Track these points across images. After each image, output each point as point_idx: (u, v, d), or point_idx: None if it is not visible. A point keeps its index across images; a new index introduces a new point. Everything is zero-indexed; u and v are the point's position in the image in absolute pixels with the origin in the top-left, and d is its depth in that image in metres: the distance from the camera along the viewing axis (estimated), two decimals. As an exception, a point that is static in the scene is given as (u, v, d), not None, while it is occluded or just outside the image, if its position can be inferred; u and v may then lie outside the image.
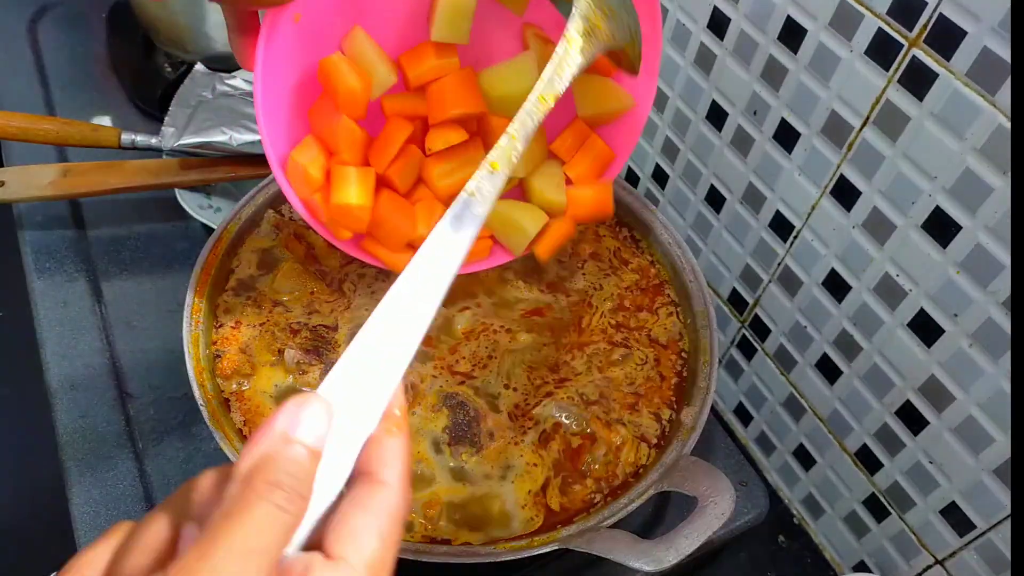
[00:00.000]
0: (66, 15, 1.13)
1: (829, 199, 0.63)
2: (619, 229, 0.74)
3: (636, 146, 0.84)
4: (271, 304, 0.65)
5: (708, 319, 0.65)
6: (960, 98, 0.51)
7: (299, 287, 0.66)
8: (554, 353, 0.65)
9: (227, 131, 0.84)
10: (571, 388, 0.62)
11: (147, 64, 1.05)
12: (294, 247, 0.68)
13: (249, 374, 0.61)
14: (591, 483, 0.58)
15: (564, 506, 0.57)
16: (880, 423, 0.65)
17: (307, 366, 0.61)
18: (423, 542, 0.54)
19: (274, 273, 0.66)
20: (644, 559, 0.48)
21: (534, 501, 0.57)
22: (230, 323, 0.63)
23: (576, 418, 0.60)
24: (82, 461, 0.70)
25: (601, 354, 0.65)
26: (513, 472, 0.58)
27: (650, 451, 0.60)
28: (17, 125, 0.83)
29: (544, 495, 0.57)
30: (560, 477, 0.58)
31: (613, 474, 0.59)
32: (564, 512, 0.57)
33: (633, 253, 0.72)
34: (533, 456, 0.59)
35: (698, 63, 0.72)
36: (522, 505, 0.57)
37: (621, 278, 0.71)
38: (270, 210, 0.70)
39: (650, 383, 0.64)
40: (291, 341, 0.62)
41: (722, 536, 0.70)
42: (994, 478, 0.57)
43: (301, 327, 0.63)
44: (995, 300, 0.53)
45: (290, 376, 0.61)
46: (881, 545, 0.69)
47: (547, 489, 0.58)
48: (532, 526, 0.56)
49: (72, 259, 0.85)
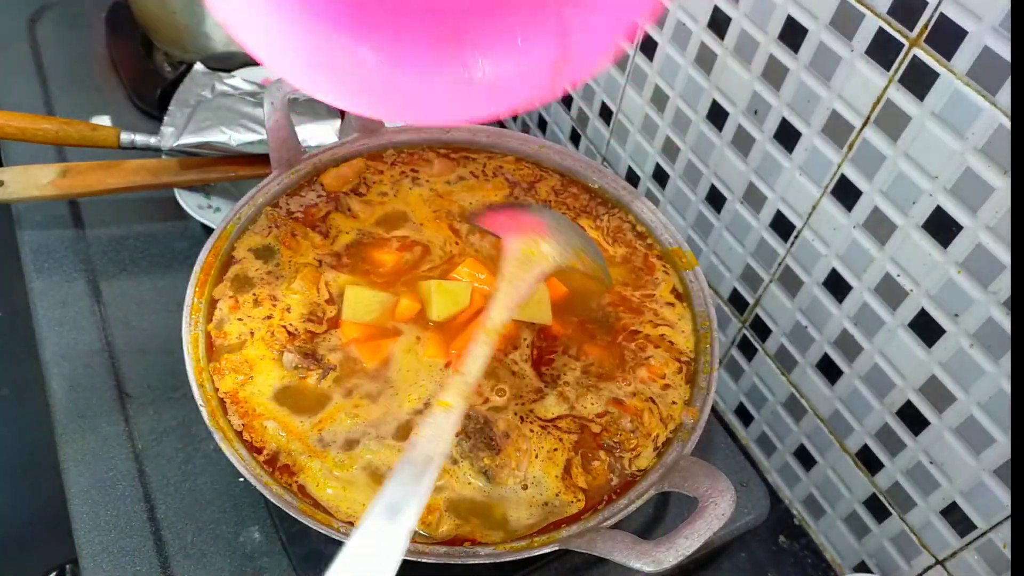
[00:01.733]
0: (66, 15, 1.13)
1: (830, 199, 0.63)
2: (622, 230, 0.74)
3: (636, 145, 0.85)
4: (271, 302, 0.65)
5: (709, 319, 0.65)
6: (961, 98, 0.51)
7: (306, 288, 0.66)
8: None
9: (226, 131, 0.83)
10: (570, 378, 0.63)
11: (146, 64, 1.05)
12: (290, 243, 0.68)
13: (248, 375, 0.60)
14: (604, 455, 0.59)
15: (590, 484, 0.58)
16: (881, 423, 0.65)
17: (305, 371, 0.61)
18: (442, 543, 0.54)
19: (290, 277, 0.66)
20: (644, 560, 0.48)
21: (565, 486, 0.57)
22: (230, 321, 0.63)
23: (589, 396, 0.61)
24: (81, 461, 0.70)
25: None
26: (539, 462, 0.58)
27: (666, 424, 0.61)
28: (16, 125, 0.82)
29: (570, 476, 0.57)
30: (580, 454, 0.59)
31: (635, 444, 0.60)
32: (596, 490, 0.58)
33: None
34: (553, 442, 0.59)
35: (698, 63, 0.72)
36: (555, 492, 0.57)
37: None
38: (268, 207, 0.70)
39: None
40: (290, 344, 0.62)
41: (722, 536, 0.70)
42: (994, 478, 0.57)
43: (299, 331, 0.63)
44: (996, 300, 0.53)
45: (286, 379, 0.61)
46: (882, 545, 0.69)
47: (571, 470, 0.57)
48: (575, 508, 0.57)
49: (71, 259, 0.85)
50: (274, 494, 0.53)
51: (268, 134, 0.71)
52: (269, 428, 0.58)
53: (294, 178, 0.73)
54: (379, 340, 0.63)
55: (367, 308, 0.65)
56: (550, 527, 0.55)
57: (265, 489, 0.53)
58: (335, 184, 0.74)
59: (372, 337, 0.64)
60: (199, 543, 0.66)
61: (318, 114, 0.88)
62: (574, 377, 0.63)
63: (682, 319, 0.67)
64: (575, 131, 0.96)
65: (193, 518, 0.68)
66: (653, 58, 0.78)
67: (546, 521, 0.56)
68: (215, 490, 0.69)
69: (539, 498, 0.57)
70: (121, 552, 0.65)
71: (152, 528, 0.67)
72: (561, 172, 0.77)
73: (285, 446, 0.57)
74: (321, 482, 0.56)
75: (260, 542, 0.67)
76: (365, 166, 0.76)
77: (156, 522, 0.67)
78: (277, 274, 0.66)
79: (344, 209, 0.72)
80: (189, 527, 0.67)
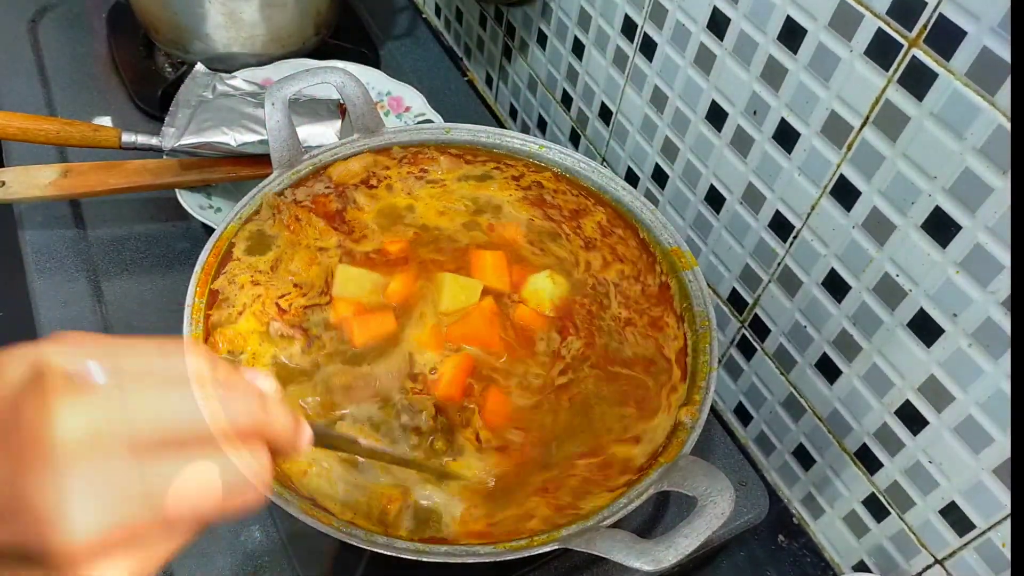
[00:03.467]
0: (66, 15, 1.13)
1: (829, 199, 0.63)
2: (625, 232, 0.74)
3: (636, 146, 0.85)
4: (267, 276, 0.65)
5: (708, 319, 0.65)
6: (960, 98, 0.51)
7: (304, 268, 0.66)
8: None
9: (228, 131, 0.84)
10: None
11: (147, 64, 1.05)
12: (294, 227, 0.69)
13: (242, 348, 0.61)
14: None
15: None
16: (880, 423, 0.65)
17: (290, 339, 0.62)
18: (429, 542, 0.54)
19: (287, 259, 0.67)
20: (643, 559, 0.48)
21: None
22: (227, 300, 0.64)
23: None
24: (82, 461, 0.70)
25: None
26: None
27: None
28: (18, 125, 0.83)
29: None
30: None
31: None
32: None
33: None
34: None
35: (698, 63, 0.72)
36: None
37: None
38: (269, 195, 0.71)
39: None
40: (280, 317, 0.63)
41: (722, 536, 0.70)
42: (994, 478, 0.57)
43: (291, 305, 0.64)
44: (995, 300, 0.53)
45: (274, 348, 0.62)
46: (881, 545, 0.69)
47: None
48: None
49: (72, 259, 0.85)
50: (274, 494, 0.53)
51: (269, 134, 0.71)
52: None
53: (295, 178, 0.73)
54: (369, 316, 0.65)
55: (358, 285, 0.66)
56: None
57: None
58: (343, 177, 0.74)
59: (363, 314, 0.65)
60: (199, 542, 0.66)
61: (319, 115, 0.88)
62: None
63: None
64: (575, 131, 0.96)
65: (194, 517, 0.68)
66: (652, 58, 0.78)
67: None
68: (216, 489, 0.69)
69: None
70: (122, 551, 0.65)
71: (153, 527, 0.67)
72: (561, 171, 0.77)
73: None
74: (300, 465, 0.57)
75: (260, 541, 0.67)
76: (373, 160, 0.76)
77: (157, 521, 0.67)
78: (276, 256, 0.67)
79: (350, 202, 0.72)
80: (190, 526, 0.67)
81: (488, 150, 0.78)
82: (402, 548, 0.52)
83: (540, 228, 0.73)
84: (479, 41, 1.13)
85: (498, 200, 0.75)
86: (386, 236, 0.70)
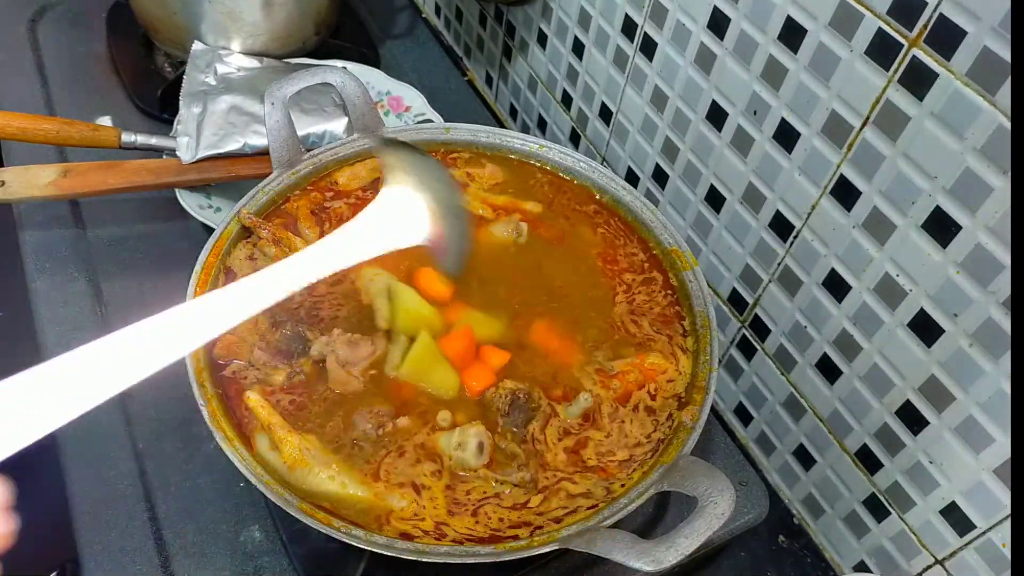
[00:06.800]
0: (66, 15, 1.13)
1: (829, 199, 0.63)
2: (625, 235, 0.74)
3: (636, 145, 0.85)
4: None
5: (708, 319, 0.65)
6: (960, 98, 0.51)
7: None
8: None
9: (240, 139, 0.85)
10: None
11: (147, 64, 1.05)
12: (278, 249, 0.68)
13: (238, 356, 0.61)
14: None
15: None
16: (880, 423, 0.65)
17: (272, 369, 0.61)
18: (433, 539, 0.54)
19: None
20: (644, 559, 0.48)
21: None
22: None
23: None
24: (82, 460, 0.70)
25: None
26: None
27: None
28: (17, 125, 0.83)
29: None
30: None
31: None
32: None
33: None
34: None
35: (698, 63, 0.72)
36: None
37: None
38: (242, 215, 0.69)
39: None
40: (269, 336, 0.62)
41: (722, 536, 0.70)
42: (994, 478, 0.57)
43: (283, 321, 0.64)
44: (995, 300, 0.53)
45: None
46: (881, 545, 0.69)
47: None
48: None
49: (72, 259, 0.85)
50: (274, 493, 0.53)
51: (268, 134, 0.71)
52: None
53: (295, 178, 0.73)
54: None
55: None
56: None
57: (266, 489, 0.53)
58: (350, 183, 0.74)
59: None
60: (200, 542, 0.67)
61: (326, 113, 0.88)
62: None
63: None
64: (575, 131, 0.96)
65: (194, 517, 0.68)
66: (653, 58, 0.78)
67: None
68: (215, 490, 0.69)
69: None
70: (121, 552, 0.65)
71: (153, 528, 0.67)
72: (561, 172, 0.77)
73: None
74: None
75: (260, 541, 0.67)
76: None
77: (157, 521, 0.67)
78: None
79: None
80: (190, 526, 0.67)
81: (488, 149, 0.78)
82: (402, 548, 0.52)
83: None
84: (479, 41, 1.13)
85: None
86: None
